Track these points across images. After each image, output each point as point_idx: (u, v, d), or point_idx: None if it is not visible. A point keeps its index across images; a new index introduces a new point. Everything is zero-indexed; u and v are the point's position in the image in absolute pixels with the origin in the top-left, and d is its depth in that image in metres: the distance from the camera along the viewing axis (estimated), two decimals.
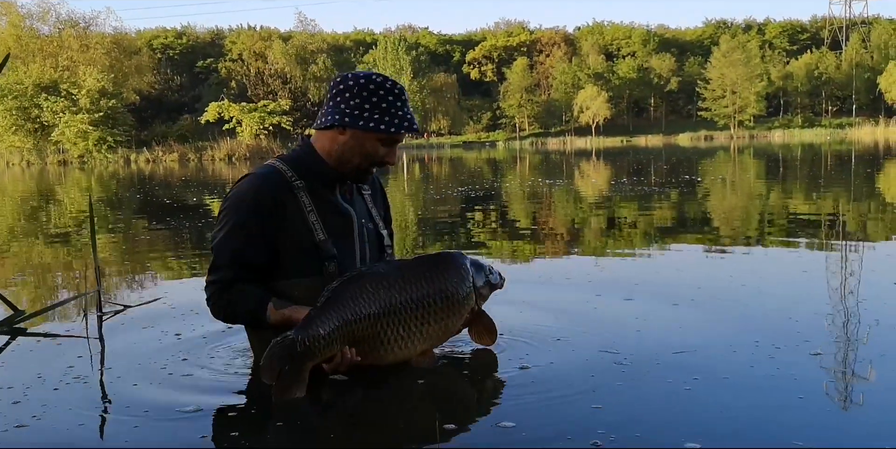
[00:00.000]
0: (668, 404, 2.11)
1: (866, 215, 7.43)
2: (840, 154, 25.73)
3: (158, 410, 2.16)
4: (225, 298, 2.43)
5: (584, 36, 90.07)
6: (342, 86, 2.41)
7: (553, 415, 2.04)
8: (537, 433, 1.93)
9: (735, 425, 1.96)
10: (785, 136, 62.94)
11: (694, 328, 2.90)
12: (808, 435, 1.88)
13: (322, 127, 2.45)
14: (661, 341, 2.70)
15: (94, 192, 16.80)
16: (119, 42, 57.35)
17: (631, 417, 2.02)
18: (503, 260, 5.20)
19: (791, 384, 2.25)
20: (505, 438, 1.90)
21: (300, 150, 2.54)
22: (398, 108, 2.40)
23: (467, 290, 2.39)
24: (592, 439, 1.86)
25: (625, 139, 68.58)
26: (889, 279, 3.79)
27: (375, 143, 2.42)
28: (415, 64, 73.67)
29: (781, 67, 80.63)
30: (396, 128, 2.40)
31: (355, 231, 2.53)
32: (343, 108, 2.39)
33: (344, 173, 2.49)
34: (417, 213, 9.34)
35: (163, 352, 2.77)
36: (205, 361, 2.63)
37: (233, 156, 45.99)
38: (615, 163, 24.46)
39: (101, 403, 2.28)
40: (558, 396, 2.17)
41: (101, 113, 47.41)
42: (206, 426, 2.05)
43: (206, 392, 2.30)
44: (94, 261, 3.62)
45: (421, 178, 19.17)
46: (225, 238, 2.44)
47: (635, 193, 10.82)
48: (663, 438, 1.87)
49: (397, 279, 2.30)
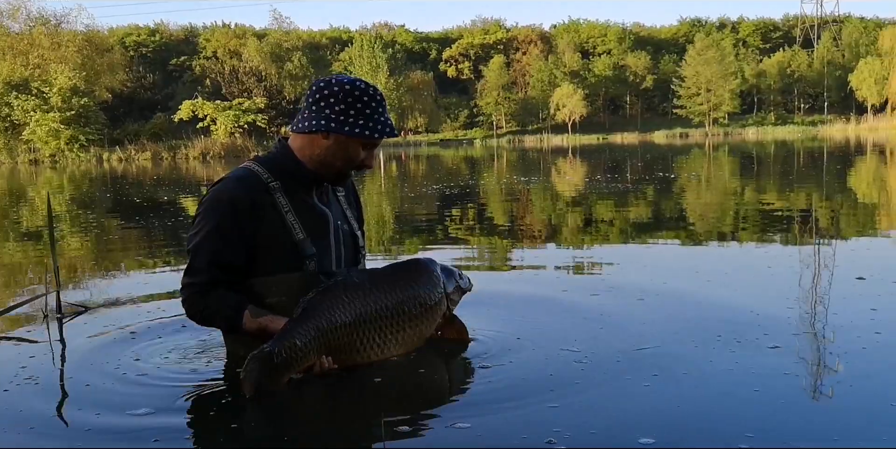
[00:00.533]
0: (624, 401, 2.11)
1: (834, 212, 7.50)
2: (812, 151, 26.00)
3: (110, 411, 2.12)
4: (202, 303, 2.45)
5: (560, 34, 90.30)
6: (326, 91, 2.43)
7: (509, 414, 2.02)
8: (492, 433, 1.90)
9: (688, 421, 1.96)
10: (758, 134, 63.48)
11: (657, 324, 2.89)
12: (761, 429, 1.88)
13: (303, 131, 2.47)
14: (623, 338, 2.69)
15: (65, 191, 16.61)
16: (91, 40, 56.70)
17: (587, 414, 2.01)
18: (474, 257, 5.19)
19: (748, 379, 2.26)
20: (459, 439, 1.88)
21: (277, 153, 2.55)
22: (380, 114, 2.47)
23: (439, 295, 2.47)
24: (547, 438, 1.84)
25: (601, 137, 68.88)
26: (852, 274, 3.81)
27: (357, 148, 2.48)
28: (391, 62, 73.52)
29: (755, 65, 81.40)
30: (379, 133, 2.46)
31: (331, 233, 2.57)
32: (328, 113, 2.42)
33: (323, 176, 2.53)
34: (394, 211, 9.31)
35: (117, 352, 2.72)
36: (158, 361, 2.59)
37: (207, 154, 45.68)
38: (591, 160, 24.57)
39: (51, 405, 2.23)
40: (515, 396, 2.15)
41: (73, 111, 46.93)
42: (157, 428, 2.01)
43: (157, 393, 2.26)
44: (53, 262, 3.56)
45: (397, 176, 19.13)
46: (202, 240, 2.44)
47: (610, 191, 10.86)
48: (618, 435, 1.87)
49: (371, 288, 2.36)
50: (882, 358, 2.44)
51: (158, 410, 2.13)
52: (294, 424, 2.03)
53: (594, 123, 78.68)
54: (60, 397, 2.30)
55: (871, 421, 1.95)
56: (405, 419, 1.99)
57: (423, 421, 2.00)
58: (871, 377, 2.26)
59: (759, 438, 1.82)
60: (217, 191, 2.47)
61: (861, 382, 2.22)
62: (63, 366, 2.63)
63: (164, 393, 2.26)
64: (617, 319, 2.97)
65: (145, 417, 2.07)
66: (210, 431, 2.03)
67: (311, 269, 2.47)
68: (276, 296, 2.44)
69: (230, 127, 53.13)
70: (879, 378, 2.26)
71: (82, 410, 2.15)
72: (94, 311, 3.46)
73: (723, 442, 1.81)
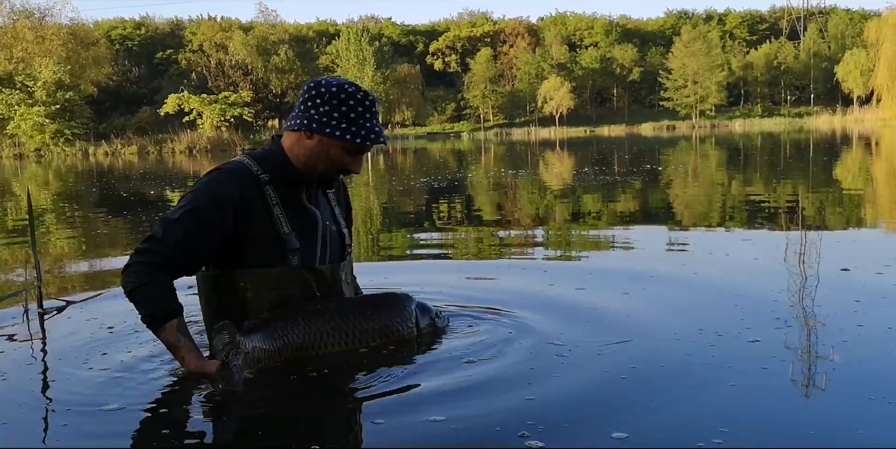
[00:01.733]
0: (600, 395, 2.10)
1: (820, 204, 7.53)
2: (798, 143, 26.11)
3: (89, 405, 2.10)
4: (146, 277, 2.34)
5: (547, 26, 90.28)
6: (314, 91, 2.42)
7: (484, 408, 2.01)
8: (466, 427, 1.90)
9: (662, 414, 1.95)
10: (745, 126, 63.71)
11: (642, 317, 2.90)
12: (735, 422, 1.88)
13: (291, 128, 2.47)
14: (606, 331, 2.69)
15: (51, 185, 16.50)
16: (76, 33, 56.25)
17: (562, 408, 2.00)
18: (461, 251, 5.18)
19: (725, 372, 2.26)
20: (433, 432, 1.87)
21: (269, 149, 2.54)
22: (367, 120, 2.42)
23: (408, 329, 2.58)
24: (521, 431, 1.84)
25: (588, 129, 68.98)
26: (837, 266, 3.83)
27: (340, 152, 2.43)
28: (378, 55, 73.25)
29: (741, 57, 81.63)
30: (362, 139, 2.40)
31: (319, 232, 2.56)
32: (312, 113, 2.41)
33: (307, 177, 2.51)
34: (382, 205, 9.29)
35: (99, 347, 2.70)
36: (139, 355, 2.57)
37: (193, 148, 45.43)
38: (578, 153, 24.59)
39: (29, 399, 2.21)
40: (492, 389, 2.14)
41: (58, 105, 46.56)
42: (136, 422, 1.99)
43: (137, 388, 2.25)
44: (34, 256, 3.53)
45: (385, 169, 19.09)
46: (180, 218, 2.37)
47: (597, 183, 10.87)
48: (591, 429, 1.87)
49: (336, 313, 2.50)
50: (863, 351, 2.44)
51: (138, 404, 2.11)
52: (269, 421, 2.01)
53: (581, 116, 78.74)
54: (39, 391, 2.28)
55: (849, 414, 1.94)
56: (380, 412, 1.98)
57: (397, 414, 1.99)
58: (852, 370, 2.26)
59: (732, 431, 1.82)
60: (209, 181, 2.43)
61: (841, 375, 2.21)
62: (44, 360, 2.60)
63: (144, 387, 2.25)
64: (603, 312, 2.97)
65: (123, 412, 2.06)
66: (188, 425, 2.02)
67: (294, 263, 2.47)
68: (254, 289, 2.43)
69: (216, 121, 52.80)
70: (860, 371, 2.26)
71: (61, 405, 2.14)
72: (76, 305, 3.43)
73: (695, 436, 1.80)
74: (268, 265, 2.44)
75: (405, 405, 2.06)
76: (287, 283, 2.49)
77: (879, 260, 3.99)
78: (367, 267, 4.24)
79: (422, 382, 2.22)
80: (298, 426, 1.99)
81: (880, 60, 59.16)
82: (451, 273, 3.92)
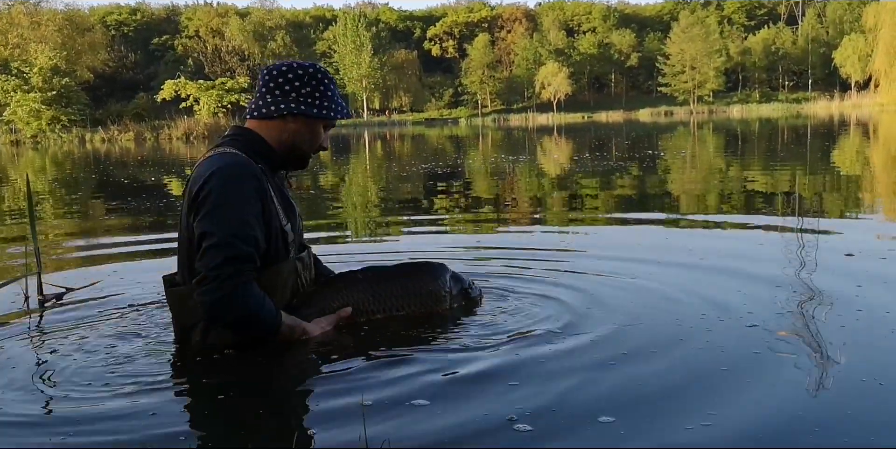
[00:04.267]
0: (590, 380, 2.09)
1: (824, 190, 7.51)
2: (797, 128, 26.07)
3: (90, 394, 2.10)
4: (257, 291, 2.26)
5: (545, 12, 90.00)
6: (290, 75, 2.43)
7: (470, 393, 2.01)
8: (451, 411, 1.90)
9: (651, 399, 1.94)
10: (743, 111, 63.62)
11: (646, 302, 2.88)
12: (723, 406, 1.87)
13: (270, 116, 2.44)
14: (605, 318, 2.67)
15: (48, 172, 16.44)
16: (71, 19, 56.07)
17: (550, 393, 1.99)
18: (462, 236, 5.16)
19: (717, 357, 2.25)
20: (417, 416, 1.87)
21: (247, 139, 2.46)
22: (337, 96, 2.52)
23: (443, 295, 2.70)
24: (508, 415, 1.84)
25: (586, 115, 68.92)
26: (842, 251, 3.81)
27: (320, 130, 2.51)
28: (375, 40, 73.06)
29: (739, 43, 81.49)
30: (341, 114, 2.51)
31: (298, 221, 2.57)
32: (295, 96, 2.43)
33: (288, 160, 2.53)
34: (379, 191, 9.27)
35: (98, 334, 2.68)
36: (140, 342, 2.56)
37: (190, 134, 45.28)
38: (577, 139, 24.54)
39: (29, 388, 2.19)
40: (480, 375, 2.14)
41: (55, 92, 46.45)
42: (136, 410, 1.98)
43: (138, 375, 2.24)
44: (34, 243, 3.50)
45: (383, 155, 19.05)
46: (232, 213, 2.24)
47: (597, 169, 10.84)
48: (578, 413, 1.86)
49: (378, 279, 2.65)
50: (860, 336, 2.41)
51: (139, 391, 2.11)
52: (262, 410, 2.01)
53: (579, 102, 78.66)
54: (39, 379, 2.26)
55: (839, 397, 1.93)
56: (364, 395, 1.97)
57: (381, 400, 1.97)
58: (847, 356, 2.23)
59: (720, 415, 1.82)
60: (229, 171, 2.30)
61: (835, 360, 2.20)
62: (43, 347, 2.58)
63: (144, 376, 2.24)
64: (604, 298, 2.94)
65: (124, 400, 2.05)
66: (193, 412, 2.01)
67: (292, 254, 2.50)
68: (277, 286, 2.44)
69: (213, 107, 52.76)
70: (855, 356, 2.23)
71: (60, 393, 2.13)
72: (75, 292, 3.41)
73: (683, 420, 1.80)
74: (275, 257, 2.42)
75: (386, 389, 2.05)
76: (289, 274, 2.51)
77: (883, 245, 3.98)
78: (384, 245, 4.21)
79: (402, 365, 2.22)
80: (283, 414, 1.98)
81: (878, 45, 59.06)
82: (455, 254, 3.89)
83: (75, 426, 1.88)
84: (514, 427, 1.78)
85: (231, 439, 1.82)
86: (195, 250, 2.28)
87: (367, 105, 76.70)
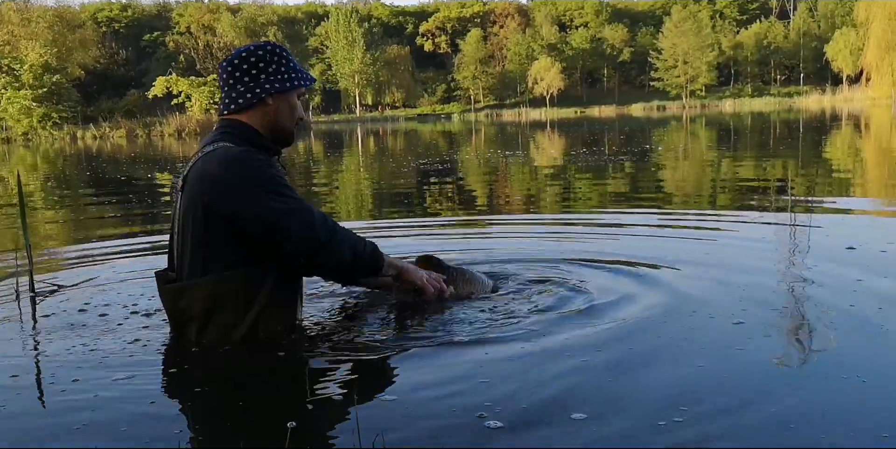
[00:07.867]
0: (563, 377, 2.07)
1: (821, 183, 7.52)
2: (789, 122, 26.11)
3: (79, 391, 2.09)
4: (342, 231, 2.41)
5: (538, 7, 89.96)
6: (252, 59, 2.45)
7: (441, 390, 2.00)
8: (420, 407, 1.89)
9: (624, 396, 1.92)
10: (735, 106, 63.72)
11: (640, 300, 2.82)
12: (695, 402, 1.86)
13: (249, 105, 2.44)
14: (592, 314, 2.63)
15: (39, 169, 16.36)
16: (62, 15, 55.77)
17: (521, 389, 1.98)
18: (454, 232, 5.15)
19: (697, 353, 2.22)
20: (384, 413, 1.86)
21: (239, 131, 2.45)
22: (299, 64, 2.58)
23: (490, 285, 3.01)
24: (478, 412, 1.83)
25: (579, 110, 68.91)
26: (843, 244, 3.80)
27: (296, 101, 2.54)
28: (367, 36, 72.92)
29: (732, 37, 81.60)
30: (310, 79, 2.59)
31: None
32: (265, 77, 2.45)
33: (278, 143, 2.55)
34: (379, 185, 9.25)
35: (90, 331, 2.67)
36: (131, 338, 2.55)
37: (182, 131, 45.04)
38: (570, 134, 24.53)
39: (22, 385, 2.18)
40: (450, 373, 2.12)
41: (45, 89, 46.18)
42: (127, 405, 1.97)
43: (129, 370, 2.23)
44: (25, 240, 3.48)
45: (376, 151, 19.01)
46: (283, 188, 2.34)
47: (590, 164, 10.84)
48: (550, 410, 1.84)
49: None
50: (852, 332, 2.39)
51: (133, 390, 2.09)
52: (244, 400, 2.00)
53: (572, 97, 78.68)
54: (32, 376, 2.25)
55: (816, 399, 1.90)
56: (332, 394, 1.97)
57: (348, 396, 1.96)
58: (836, 351, 2.22)
59: (690, 411, 1.80)
60: (251, 161, 2.32)
61: (824, 356, 2.18)
62: (35, 344, 2.56)
63: (139, 373, 2.22)
64: (598, 293, 2.89)
65: (118, 399, 2.04)
66: (186, 410, 2.00)
67: None
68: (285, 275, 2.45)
69: (205, 103, 52.44)
70: (845, 352, 2.21)
71: (52, 392, 2.11)
72: (67, 289, 3.39)
73: (654, 415, 1.78)
74: None
75: (354, 386, 2.05)
76: None
77: (884, 238, 3.98)
78: None
79: (373, 362, 2.22)
80: (258, 408, 1.97)
81: (870, 39, 59.12)
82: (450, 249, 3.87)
83: (68, 426, 1.86)
84: (486, 424, 1.76)
85: (224, 437, 1.81)
86: (271, 237, 2.30)
87: (359, 101, 76.67)
